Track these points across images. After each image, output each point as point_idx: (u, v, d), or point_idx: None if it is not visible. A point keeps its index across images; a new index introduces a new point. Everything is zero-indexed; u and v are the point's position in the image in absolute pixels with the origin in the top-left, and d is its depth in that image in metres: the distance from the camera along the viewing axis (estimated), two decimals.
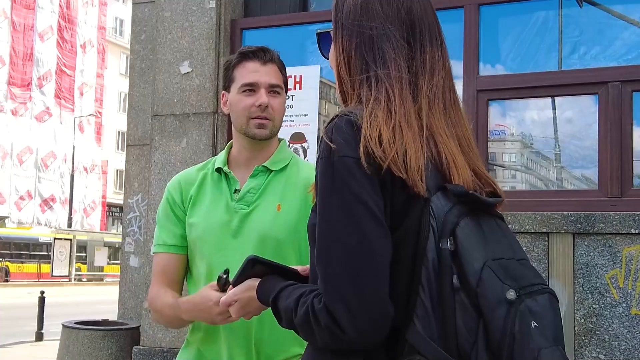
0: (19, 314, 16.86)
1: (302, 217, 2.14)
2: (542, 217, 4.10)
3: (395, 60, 1.35)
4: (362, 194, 1.24)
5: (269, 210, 2.16)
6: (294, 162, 2.29)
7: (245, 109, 2.19)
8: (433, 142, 1.33)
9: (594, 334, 3.97)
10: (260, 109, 2.17)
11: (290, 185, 2.21)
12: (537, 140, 4.74)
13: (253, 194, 2.18)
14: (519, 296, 1.18)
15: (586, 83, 4.35)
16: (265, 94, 2.18)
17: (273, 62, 2.23)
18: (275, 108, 2.20)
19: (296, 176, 2.23)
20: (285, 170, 2.24)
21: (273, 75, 2.21)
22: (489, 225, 1.29)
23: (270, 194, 2.19)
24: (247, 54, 2.22)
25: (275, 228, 2.14)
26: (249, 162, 2.24)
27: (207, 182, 2.26)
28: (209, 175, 2.27)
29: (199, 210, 2.22)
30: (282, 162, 2.25)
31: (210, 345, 2.17)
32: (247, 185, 2.20)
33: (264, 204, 2.17)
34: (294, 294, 1.34)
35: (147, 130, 5.89)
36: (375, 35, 1.37)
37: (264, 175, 2.21)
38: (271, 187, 2.20)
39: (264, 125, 2.19)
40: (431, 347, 1.19)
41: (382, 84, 1.33)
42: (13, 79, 41.55)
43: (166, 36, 5.36)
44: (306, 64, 5.10)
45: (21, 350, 11.39)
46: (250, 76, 2.19)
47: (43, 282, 32.37)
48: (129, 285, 5.97)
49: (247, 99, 2.19)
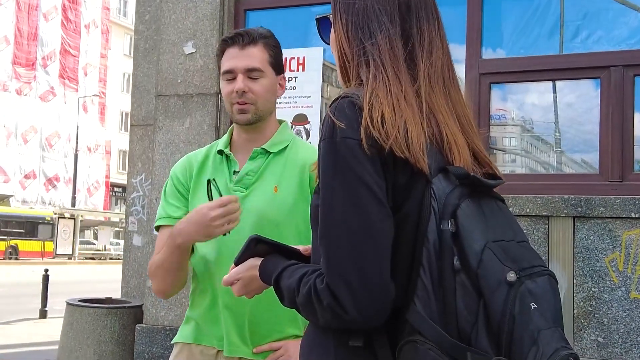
0: (23, 291, 16.97)
1: (299, 198, 2.17)
2: (543, 200, 4.12)
3: (391, 39, 1.36)
4: (364, 175, 1.25)
5: (266, 192, 2.18)
6: (294, 143, 2.29)
7: (227, 95, 2.21)
8: (434, 120, 1.34)
9: (593, 317, 4.00)
10: (237, 94, 2.18)
11: (289, 167, 2.22)
12: (538, 125, 4.75)
13: (251, 177, 2.20)
14: (519, 278, 1.19)
15: (589, 67, 4.35)
16: (243, 79, 2.18)
17: (254, 44, 2.21)
18: (255, 91, 2.20)
19: (295, 158, 2.24)
20: (284, 152, 2.25)
21: (251, 58, 2.20)
22: (490, 207, 1.29)
23: (268, 176, 2.20)
24: (227, 40, 2.23)
25: (272, 210, 2.15)
26: (248, 144, 2.25)
27: (209, 164, 2.28)
28: (211, 157, 2.29)
29: (199, 191, 2.24)
30: (282, 144, 2.26)
31: (208, 321, 2.21)
32: (245, 167, 2.22)
33: (262, 186, 2.19)
34: (297, 274, 1.35)
35: (150, 110, 5.90)
36: (370, 13, 1.38)
37: (263, 157, 2.23)
38: (269, 169, 2.21)
39: (244, 110, 2.19)
40: (431, 328, 1.20)
41: (379, 63, 1.33)
42: (18, 58, 41.53)
43: (170, 16, 5.36)
44: (309, 45, 5.09)
45: (25, 327, 11.48)
46: (228, 63, 2.20)
47: (47, 261, 32.55)
48: (132, 264, 6.02)
49: (228, 85, 2.21)
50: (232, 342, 2.16)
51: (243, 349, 2.17)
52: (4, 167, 40.87)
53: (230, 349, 2.16)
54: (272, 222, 2.14)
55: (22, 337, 10.36)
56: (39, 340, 10.06)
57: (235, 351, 2.17)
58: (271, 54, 2.24)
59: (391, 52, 1.35)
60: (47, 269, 13.00)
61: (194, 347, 2.24)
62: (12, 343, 9.77)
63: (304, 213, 2.14)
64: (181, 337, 2.29)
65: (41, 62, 43.23)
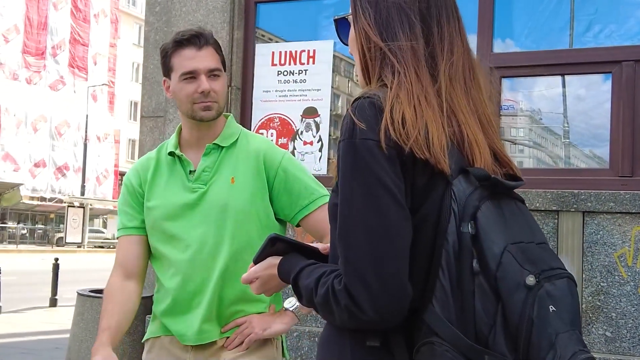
0: (33, 279, 17.07)
1: (256, 187, 2.25)
2: (553, 195, 4.12)
3: (412, 39, 1.35)
4: (383, 176, 1.25)
5: (224, 184, 2.24)
6: (243, 135, 2.35)
7: (188, 95, 2.24)
8: (455, 120, 1.34)
9: (602, 311, 4.01)
10: (203, 95, 2.23)
11: (242, 158, 2.28)
12: (547, 117, 4.74)
13: (208, 172, 2.27)
14: (538, 281, 1.19)
15: (600, 62, 4.34)
16: (206, 79, 2.23)
17: (208, 45, 2.27)
18: (217, 90, 2.26)
19: (247, 148, 2.30)
20: (235, 144, 2.31)
21: (210, 59, 2.26)
22: (510, 208, 1.29)
23: (224, 170, 2.27)
24: (182, 42, 2.26)
25: (232, 200, 2.22)
26: (200, 141, 2.31)
27: (162, 166, 2.34)
28: (162, 159, 2.35)
29: (156, 193, 2.31)
30: (232, 137, 2.32)
31: (173, 316, 2.28)
32: (201, 164, 2.27)
33: (219, 179, 2.26)
34: (315, 274, 1.36)
35: (161, 102, 5.91)
36: (392, 13, 1.37)
37: (216, 153, 2.29)
38: (224, 163, 2.27)
39: (209, 107, 2.25)
40: (449, 329, 1.20)
41: (402, 63, 1.33)
42: (27, 47, 41.64)
43: (181, 9, 5.37)
44: (319, 38, 5.09)
45: (36, 316, 11.57)
46: (188, 64, 2.24)
47: (56, 249, 32.70)
48: None
49: (188, 86, 2.24)
50: (202, 329, 2.23)
51: (212, 333, 2.24)
52: (14, 156, 41.05)
53: (199, 337, 2.23)
54: (234, 211, 2.22)
55: (33, 326, 10.44)
56: (50, 328, 10.14)
57: (204, 338, 2.24)
58: (220, 54, 2.31)
59: (412, 52, 1.35)
60: (57, 257, 13.08)
61: (164, 338, 2.31)
62: (23, 331, 9.85)
63: (262, 202, 2.26)
64: (150, 332, 2.37)
65: (51, 51, 43.34)
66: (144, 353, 2.37)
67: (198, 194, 2.25)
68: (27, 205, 42.85)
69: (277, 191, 2.27)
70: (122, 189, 2.39)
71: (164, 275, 2.31)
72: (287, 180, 2.26)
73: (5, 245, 33.83)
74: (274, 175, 2.27)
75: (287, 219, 2.32)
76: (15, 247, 35.47)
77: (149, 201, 2.31)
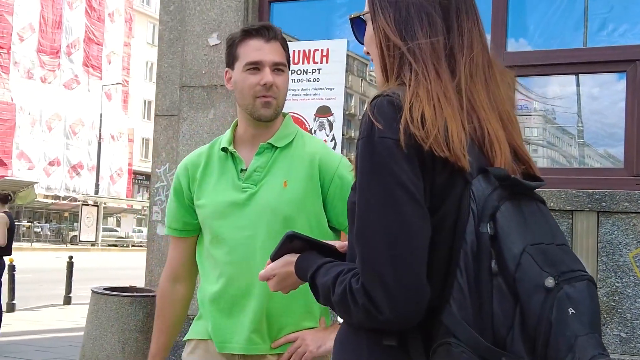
0: (47, 277, 17.17)
1: (308, 192, 2.17)
2: (567, 194, 4.10)
3: (432, 36, 1.34)
4: (402, 175, 1.24)
5: (276, 187, 2.16)
6: (299, 136, 2.27)
7: (250, 87, 2.17)
8: (475, 116, 1.33)
9: (616, 312, 3.99)
10: (265, 88, 2.16)
11: (296, 161, 2.20)
12: (560, 116, 4.72)
13: (260, 173, 2.19)
14: (558, 283, 1.17)
15: (615, 61, 4.31)
16: (270, 72, 2.17)
17: (276, 40, 2.21)
18: (279, 86, 2.19)
19: (302, 151, 2.22)
20: (290, 145, 2.23)
21: (277, 53, 2.20)
22: (530, 208, 1.27)
23: (277, 171, 2.19)
24: (251, 32, 2.21)
25: (282, 204, 2.14)
26: (255, 139, 2.23)
27: (213, 163, 2.26)
28: (214, 155, 2.28)
29: (205, 191, 2.24)
30: (287, 137, 2.24)
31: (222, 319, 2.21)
32: (253, 163, 2.20)
33: (271, 181, 2.17)
34: (332, 272, 1.35)
35: (175, 101, 5.94)
36: (411, 10, 1.36)
37: (270, 153, 2.21)
38: (277, 164, 2.20)
39: (269, 104, 2.17)
40: (466, 330, 1.19)
41: (420, 61, 1.32)
42: (42, 46, 41.90)
43: (195, 7, 5.39)
44: (333, 37, 5.09)
45: (50, 314, 11.64)
46: (254, 54, 2.18)
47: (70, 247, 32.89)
48: (155, 253, 6.07)
49: (251, 77, 2.18)
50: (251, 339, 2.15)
51: (261, 346, 2.16)
52: (29, 154, 41.31)
53: (247, 347, 2.16)
54: (283, 216, 2.14)
55: (48, 323, 10.51)
56: (64, 326, 10.20)
57: (253, 349, 2.16)
58: (286, 50, 2.25)
59: (432, 49, 1.34)
60: (72, 256, 13.16)
61: (211, 344, 2.22)
62: (38, 329, 9.91)
63: (314, 207, 2.17)
64: (196, 333, 2.28)
65: (65, 50, 43.60)
66: (185, 353, 2.30)
67: (247, 195, 2.17)
68: (42, 204, 43.10)
69: (332, 198, 2.19)
70: (171, 189, 2.33)
71: (210, 275, 2.24)
72: (343, 186, 2.15)
73: (20, 243, 34.05)
74: (329, 181, 2.18)
75: (341, 227, 2.23)
76: (29, 245, 35.70)
77: (198, 199, 2.25)
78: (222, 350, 2.18)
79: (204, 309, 2.26)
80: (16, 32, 40.17)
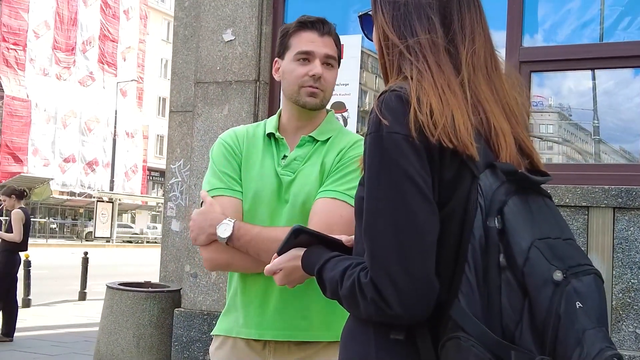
0: (62, 273, 17.28)
1: None
2: (583, 190, 4.08)
3: (431, 30, 1.35)
4: (410, 170, 1.24)
5: (312, 177, 2.15)
6: (341, 133, 2.26)
7: (298, 77, 2.16)
8: (481, 108, 1.33)
9: (632, 308, 3.97)
10: (313, 79, 2.15)
11: (330, 156, 2.18)
12: (576, 112, 4.69)
13: (299, 162, 2.18)
14: (565, 277, 1.17)
15: (630, 56, 4.28)
16: (320, 64, 2.16)
17: (330, 35, 2.21)
18: (327, 80, 2.18)
19: (337, 146, 2.20)
20: (330, 141, 2.21)
21: (329, 47, 2.19)
22: (537, 203, 1.27)
23: (315, 162, 2.18)
24: (306, 24, 2.20)
25: (312, 197, 2.13)
26: (297, 130, 2.23)
27: (257, 143, 2.25)
28: (258, 136, 2.26)
29: (249, 169, 2.21)
30: (329, 132, 2.23)
31: (254, 309, 2.17)
32: (293, 153, 2.20)
33: (308, 171, 2.17)
34: (340, 266, 1.36)
35: (189, 97, 5.96)
36: (410, 6, 1.37)
37: (310, 145, 2.20)
38: (315, 156, 2.19)
39: (315, 94, 2.16)
40: (475, 324, 1.19)
41: (419, 58, 1.33)
42: (58, 43, 42.16)
43: (210, 3, 5.39)
44: (348, 33, 5.08)
45: (66, 309, 11.72)
46: (306, 45, 2.17)
47: (85, 244, 33.09)
48: (170, 249, 6.10)
49: (301, 67, 2.17)
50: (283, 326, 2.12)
51: (294, 333, 2.12)
52: (44, 151, 41.58)
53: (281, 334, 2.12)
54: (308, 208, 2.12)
55: (63, 319, 10.58)
56: (79, 321, 10.27)
57: (288, 335, 2.13)
58: (338, 47, 2.24)
59: (432, 44, 1.34)
60: (87, 251, 13.24)
61: (239, 341, 2.20)
62: (53, 324, 9.98)
63: None
64: (224, 330, 2.25)
65: (81, 47, 43.85)
66: (213, 347, 2.26)
67: (286, 182, 2.15)
68: (57, 200, 43.37)
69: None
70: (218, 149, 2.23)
71: None
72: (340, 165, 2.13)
73: (36, 239, 34.30)
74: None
75: None
76: (45, 242, 35.94)
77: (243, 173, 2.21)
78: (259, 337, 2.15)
79: (234, 300, 2.22)
80: (32, 29, 40.42)
